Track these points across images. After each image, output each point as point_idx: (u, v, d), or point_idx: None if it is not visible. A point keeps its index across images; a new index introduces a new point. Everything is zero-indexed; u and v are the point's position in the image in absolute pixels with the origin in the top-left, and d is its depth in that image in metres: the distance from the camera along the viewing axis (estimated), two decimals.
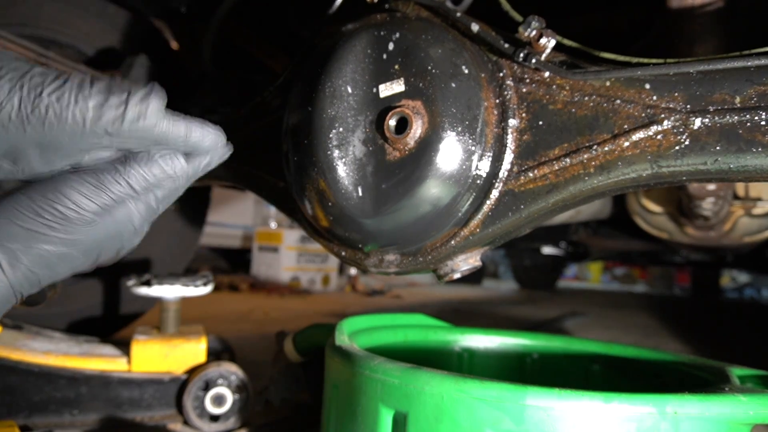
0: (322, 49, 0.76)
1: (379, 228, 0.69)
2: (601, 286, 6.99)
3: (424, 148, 0.65)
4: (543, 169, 0.65)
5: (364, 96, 0.70)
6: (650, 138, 0.59)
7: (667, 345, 2.21)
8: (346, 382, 0.64)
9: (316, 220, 0.76)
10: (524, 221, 0.67)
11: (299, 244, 3.85)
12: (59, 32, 1.34)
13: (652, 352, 0.85)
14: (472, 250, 0.72)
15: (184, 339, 1.01)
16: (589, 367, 0.91)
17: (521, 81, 0.67)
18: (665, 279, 6.58)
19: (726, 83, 0.57)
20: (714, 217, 1.33)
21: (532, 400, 0.51)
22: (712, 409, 0.51)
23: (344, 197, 0.69)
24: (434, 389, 0.54)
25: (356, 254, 0.78)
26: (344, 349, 0.67)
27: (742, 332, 2.97)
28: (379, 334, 0.88)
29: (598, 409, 0.50)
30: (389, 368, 0.58)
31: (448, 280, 0.73)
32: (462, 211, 0.69)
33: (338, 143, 0.70)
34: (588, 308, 3.43)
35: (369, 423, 0.59)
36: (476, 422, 0.52)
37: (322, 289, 3.91)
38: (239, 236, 4.48)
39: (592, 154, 0.62)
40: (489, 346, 0.97)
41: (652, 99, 0.60)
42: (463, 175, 0.66)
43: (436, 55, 0.66)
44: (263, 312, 2.51)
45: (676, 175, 0.59)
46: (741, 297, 6.00)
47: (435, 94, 0.65)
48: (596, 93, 0.63)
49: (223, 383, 0.96)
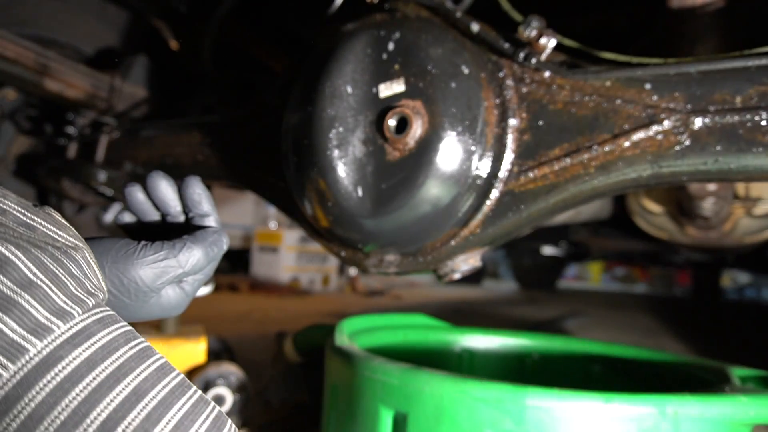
0: (322, 49, 0.76)
1: (379, 228, 0.69)
2: (601, 287, 7.00)
3: (424, 148, 0.65)
4: (543, 169, 0.65)
5: (364, 96, 0.70)
6: (650, 138, 0.59)
7: (668, 345, 2.21)
8: (346, 383, 0.64)
9: (316, 221, 0.76)
10: (524, 221, 0.67)
11: (299, 244, 3.85)
12: (59, 32, 1.34)
13: (652, 352, 0.85)
14: (472, 250, 0.72)
15: (183, 339, 1.01)
16: (589, 367, 0.91)
17: (521, 81, 0.67)
18: (665, 279, 6.58)
19: (726, 83, 0.56)
20: (714, 218, 1.33)
21: (532, 401, 0.51)
22: (712, 410, 0.51)
23: (344, 197, 0.69)
24: (434, 390, 0.54)
25: (356, 254, 0.78)
26: (344, 350, 0.67)
27: (742, 333, 2.97)
28: (379, 334, 0.88)
29: (598, 410, 0.50)
30: (389, 369, 0.58)
31: (448, 280, 0.73)
32: (462, 212, 0.69)
33: (338, 143, 0.70)
34: (588, 308, 3.42)
35: (369, 423, 0.59)
36: (476, 422, 0.52)
37: (322, 290, 3.91)
38: (239, 236, 4.48)
39: (592, 154, 0.62)
40: (489, 347, 0.97)
41: (652, 99, 0.60)
42: (463, 175, 0.66)
43: (436, 55, 0.66)
44: (263, 312, 2.51)
45: (676, 175, 0.59)
46: (741, 297, 6.00)
47: (435, 94, 0.65)
48: (596, 93, 0.63)
49: (222, 383, 0.96)
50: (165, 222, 0.58)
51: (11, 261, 0.29)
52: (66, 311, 0.30)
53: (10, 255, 0.29)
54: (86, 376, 0.29)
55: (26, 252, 0.29)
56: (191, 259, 0.51)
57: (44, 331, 0.29)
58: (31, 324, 0.28)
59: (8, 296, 0.28)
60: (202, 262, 0.52)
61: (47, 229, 0.33)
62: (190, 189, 0.56)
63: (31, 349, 0.28)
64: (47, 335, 0.29)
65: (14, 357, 0.28)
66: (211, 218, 0.57)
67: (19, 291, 0.28)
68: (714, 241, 1.61)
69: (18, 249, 0.29)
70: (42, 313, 0.29)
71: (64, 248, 0.32)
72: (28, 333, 0.28)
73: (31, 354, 0.28)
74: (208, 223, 0.57)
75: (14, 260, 0.29)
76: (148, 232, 0.58)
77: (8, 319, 0.28)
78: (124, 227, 0.58)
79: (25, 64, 1.05)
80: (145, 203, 0.57)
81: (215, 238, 0.54)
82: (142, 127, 1.16)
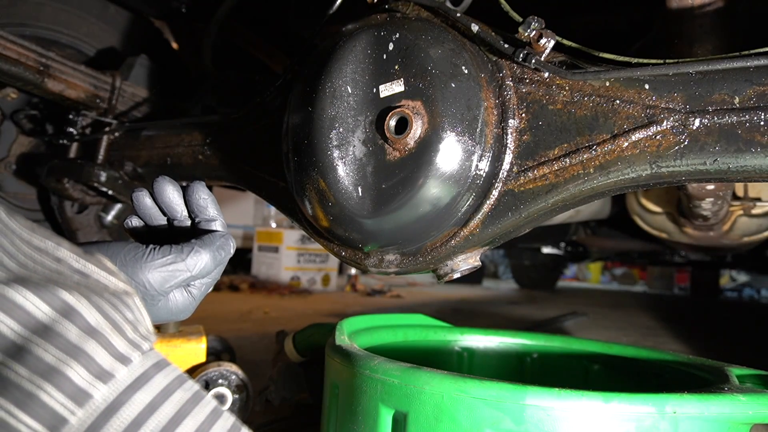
0: (322, 49, 0.76)
1: (379, 228, 0.69)
2: (600, 286, 7.00)
3: (424, 148, 0.65)
4: (542, 169, 0.65)
5: (364, 96, 0.70)
6: (650, 138, 0.60)
7: (667, 345, 2.21)
8: (346, 382, 0.64)
9: (317, 220, 0.76)
10: (524, 221, 0.67)
11: (299, 244, 3.85)
12: (60, 33, 1.34)
13: (651, 351, 0.85)
14: (472, 250, 0.72)
15: (184, 339, 1.01)
16: (588, 366, 0.91)
17: (521, 81, 0.67)
18: (665, 279, 6.58)
19: (725, 83, 0.57)
20: (713, 217, 1.33)
21: (532, 400, 0.51)
22: (711, 409, 0.51)
23: (344, 197, 0.70)
24: (434, 389, 0.54)
25: (356, 254, 0.78)
26: (344, 349, 0.67)
27: (741, 332, 2.98)
28: (379, 334, 0.89)
29: (597, 409, 0.50)
30: (389, 368, 0.58)
31: (448, 280, 0.73)
32: (462, 211, 0.69)
33: (338, 143, 0.70)
34: (587, 308, 3.43)
35: (369, 423, 0.59)
36: (476, 422, 0.52)
37: (322, 289, 3.91)
38: (240, 236, 4.49)
39: (591, 154, 0.62)
40: (489, 346, 0.97)
41: (651, 99, 0.60)
42: (463, 175, 0.66)
43: (435, 56, 0.67)
44: (263, 312, 2.51)
45: (675, 175, 0.59)
46: (740, 297, 6.00)
47: (435, 94, 0.65)
48: (596, 93, 0.63)
49: (223, 383, 0.96)
50: (172, 226, 0.58)
51: (76, 309, 0.30)
52: (126, 357, 0.31)
53: (75, 303, 0.30)
54: (148, 420, 0.31)
55: (89, 299, 0.31)
56: (199, 262, 0.51)
57: (108, 377, 0.30)
58: (97, 370, 0.30)
59: (75, 344, 0.29)
60: (210, 266, 0.52)
61: (99, 275, 0.34)
62: (196, 194, 0.56)
63: (97, 395, 0.29)
64: (111, 380, 0.30)
65: (82, 402, 0.29)
66: (218, 222, 0.58)
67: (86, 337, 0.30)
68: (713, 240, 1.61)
69: (81, 296, 0.30)
70: (106, 359, 0.30)
71: (117, 294, 0.33)
72: (95, 378, 0.29)
73: (97, 399, 0.29)
74: (214, 227, 0.57)
75: (79, 308, 0.30)
76: (155, 236, 0.59)
77: (77, 365, 0.29)
78: (131, 231, 0.59)
79: (27, 64, 1.05)
80: (153, 208, 0.58)
81: (222, 242, 0.54)
82: (143, 127, 1.16)
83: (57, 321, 0.29)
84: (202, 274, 0.53)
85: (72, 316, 0.29)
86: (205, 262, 0.52)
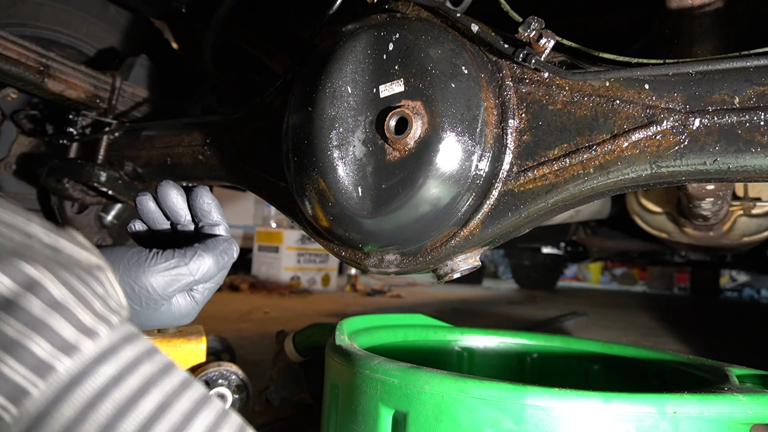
0: (322, 49, 0.76)
1: (379, 228, 0.69)
2: (600, 286, 7.00)
3: (424, 148, 0.65)
4: (542, 169, 0.65)
5: (364, 96, 0.70)
6: (650, 138, 0.60)
7: (667, 345, 2.21)
8: (346, 382, 0.64)
9: (317, 221, 0.76)
10: (524, 221, 0.67)
11: (299, 244, 3.85)
12: (60, 33, 1.34)
13: (651, 351, 0.85)
14: (472, 250, 0.72)
15: (184, 339, 1.01)
16: (588, 366, 0.91)
17: (521, 81, 0.67)
18: (664, 279, 6.58)
19: (725, 83, 0.57)
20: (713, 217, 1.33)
21: (532, 400, 0.51)
22: (711, 409, 0.51)
23: (344, 197, 0.70)
24: (434, 389, 0.54)
25: (356, 254, 0.78)
26: (344, 349, 0.67)
27: (741, 332, 2.98)
28: (379, 334, 0.89)
29: (597, 409, 0.50)
30: (389, 368, 0.58)
31: (448, 280, 0.73)
32: (462, 211, 0.69)
33: (338, 143, 0.70)
34: (587, 308, 3.43)
35: (369, 423, 0.59)
36: (476, 422, 0.52)
37: (322, 289, 3.91)
38: (240, 236, 4.49)
39: (591, 154, 0.62)
40: (489, 346, 0.97)
41: (651, 99, 0.60)
42: (463, 175, 0.66)
43: (435, 56, 0.67)
44: (263, 312, 2.51)
45: (675, 175, 0.59)
46: (740, 297, 6.00)
47: (435, 94, 0.65)
48: (596, 93, 0.63)
49: (223, 383, 0.96)
50: (175, 230, 0.58)
51: (41, 283, 0.30)
52: (92, 330, 0.31)
53: (39, 277, 0.30)
54: (114, 392, 0.30)
55: (54, 273, 0.30)
56: (202, 267, 0.52)
57: (73, 350, 0.30)
58: (60, 343, 0.29)
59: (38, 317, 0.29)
60: (213, 270, 0.52)
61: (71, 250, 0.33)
62: (200, 199, 0.56)
63: (61, 367, 0.29)
64: (75, 353, 0.30)
65: (44, 375, 0.29)
66: (221, 227, 0.58)
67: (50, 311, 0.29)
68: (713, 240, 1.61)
69: (47, 270, 0.30)
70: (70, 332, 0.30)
71: (88, 268, 0.33)
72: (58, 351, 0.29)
73: (60, 372, 0.29)
74: (217, 231, 0.57)
75: (43, 281, 0.30)
76: (158, 240, 0.59)
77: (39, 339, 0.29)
78: (135, 235, 0.59)
79: (27, 64, 1.05)
80: (156, 212, 0.58)
81: (226, 246, 0.54)
82: (143, 127, 1.16)
83: (20, 295, 0.29)
84: (205, 279, 0.53)
85: (35, 289, 0.29)
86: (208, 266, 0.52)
